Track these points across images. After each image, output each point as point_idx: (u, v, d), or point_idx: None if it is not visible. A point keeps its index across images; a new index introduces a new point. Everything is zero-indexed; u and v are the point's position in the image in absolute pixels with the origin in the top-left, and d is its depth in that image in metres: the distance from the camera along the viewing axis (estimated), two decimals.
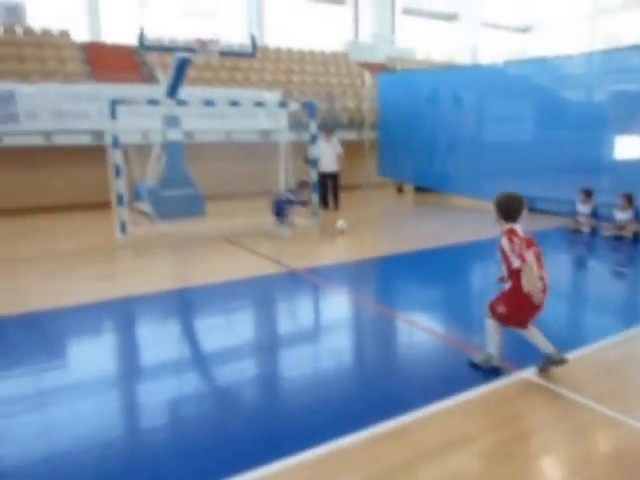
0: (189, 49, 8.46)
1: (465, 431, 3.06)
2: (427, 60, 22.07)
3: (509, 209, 3.70)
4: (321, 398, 3.51)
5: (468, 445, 2.93)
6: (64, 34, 14.51)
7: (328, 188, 11.66)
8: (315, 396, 3.55)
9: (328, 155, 11.77)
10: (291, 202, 9.01)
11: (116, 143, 7.77)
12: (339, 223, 9.25)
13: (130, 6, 14.90)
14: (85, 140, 11.57)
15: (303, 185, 9.39)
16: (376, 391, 3.61)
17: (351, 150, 14.44)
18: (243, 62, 15.20)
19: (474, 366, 3.79)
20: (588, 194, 8.66)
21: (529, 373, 3.68)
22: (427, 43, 24.21)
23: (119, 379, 3.99)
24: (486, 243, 8.33)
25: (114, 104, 7.86)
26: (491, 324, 3.74)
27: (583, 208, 8.72)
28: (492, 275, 7.11)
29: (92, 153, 10.87)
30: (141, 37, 8.23)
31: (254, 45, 8.87)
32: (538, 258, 3.61)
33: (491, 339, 3.75)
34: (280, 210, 8.88)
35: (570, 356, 3.75)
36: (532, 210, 10.56)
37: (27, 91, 11.12)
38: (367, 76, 16.54)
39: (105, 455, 2.93)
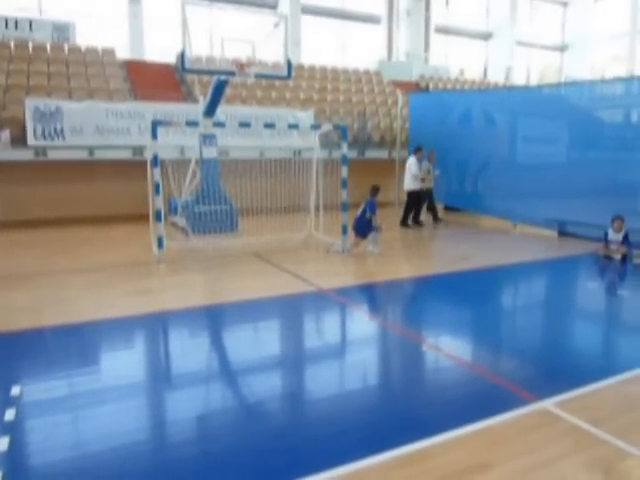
0: (227, 72, 8.79)
1: (483, 459, 3.15)
2: (460, 79, 22.13)
3: None
4: (341, 420, 3.64)
5: (485, 473, 3.02)
6: (108, 52, 15.16)
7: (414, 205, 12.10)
8: (335, 417, 3.68)
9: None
10: (371, 226, 9.06)
11: (156, 162, 8.11)
12: None
13: (171, 25, 15.49)
14: (125, 155, 12.07)
15: (375, 190, 9.30)
16: (396, 414, 3.72)
17: (382, 168, 14.65)
18: (278, 81, 15.59)
19: None
20: (621, 221, 8.58)
21: (549, 404, 3.75)
22: (461, 62, 24.29)
23: (149, 391, 4.20)
24: (516, 266, 8.37)
25: (155, 125, 8.22)
26: None
27: (615, 235, 8.64)
28: (521, 300, 7.16)
29: (131, 167, 11.33)
30: (182, 59, 8.60)
31: (289, 68, 9.15)
32: None
33: None
34: (361, 232, 9.04)
35: (591, 388, 3.80)
36: (563, 234, 10.54)
37: (73, 108, 11.69)
38: (399, 95, 16.72)
39: (132, 466, 3.12)
